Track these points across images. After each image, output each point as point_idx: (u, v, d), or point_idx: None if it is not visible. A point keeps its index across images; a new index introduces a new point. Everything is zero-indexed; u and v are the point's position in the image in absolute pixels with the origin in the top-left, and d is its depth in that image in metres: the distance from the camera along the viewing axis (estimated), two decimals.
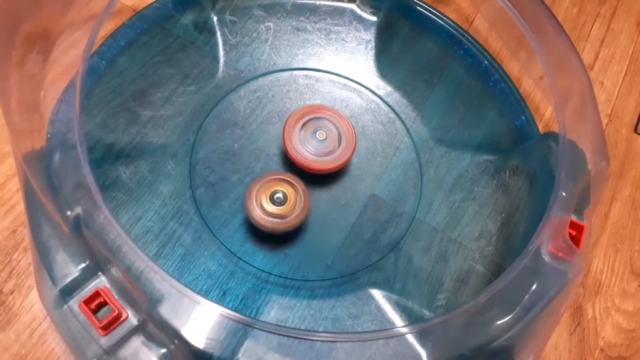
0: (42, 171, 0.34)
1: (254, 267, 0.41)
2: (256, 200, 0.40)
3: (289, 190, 0.41)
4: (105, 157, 0.43)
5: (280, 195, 0.41)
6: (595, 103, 0.43)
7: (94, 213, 0.33)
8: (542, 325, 0.36)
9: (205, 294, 0.39)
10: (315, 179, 0.45)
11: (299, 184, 0.42)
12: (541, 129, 0.52)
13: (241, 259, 0.42)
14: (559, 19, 0.60)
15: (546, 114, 0.54)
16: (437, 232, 0.45)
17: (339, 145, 0.44)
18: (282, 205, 0.41)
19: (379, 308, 0.41)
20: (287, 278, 0.41)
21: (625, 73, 0.59)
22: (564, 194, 0.38)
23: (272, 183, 0.41)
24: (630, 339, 0.46)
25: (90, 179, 0.33)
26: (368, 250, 0.43)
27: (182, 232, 0.42)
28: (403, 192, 0.46)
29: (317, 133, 0.44)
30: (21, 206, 0.43)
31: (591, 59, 0.59)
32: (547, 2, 0.62)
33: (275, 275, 0.41)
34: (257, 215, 0.40)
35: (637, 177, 0.53)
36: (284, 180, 0.41)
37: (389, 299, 0.41)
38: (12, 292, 0.40)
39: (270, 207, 0.40)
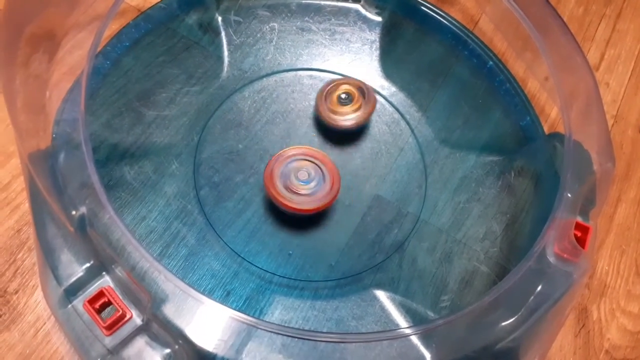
0: (47, 171, 0.34)
1: (258, 267, 0.41)
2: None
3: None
4: (109, 157, 0.43)
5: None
6: (600, 104, 0.43)
7: (98, 213, 0.33)
8: (547, 327, 0.35)
9: (209, 294, 0.39)
10: None
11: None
12: (547, 129, 0.51)
13: (245, 260, 0.42)
14: (565, 20, 0.60)
15: (552, 114, 0.54)
16: (441, 233, 0.45)
17: (322, 185, 0.41)
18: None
19: (383, 309, 0.41)
20: (290, 279, 0.41)
21: (631, 74, 0.59)
22: (569, 195, 0.38)
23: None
24: (635, 340, 0.46)
25: (95, 179, 0.33)
26: (372, 251, 0.43)
27: (186, 232, 0.42)
28: (407, 193, 0.46)
29: (299, 173, 0.41)
30: (26, 206, 0.43)
31: (597, 60, 0.59)
32: (553, 3, 0.62)
33: (279, 276, 0.41)
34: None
35: None
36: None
37: (393, 300, 0.41)
38: (16, 292, 0.40)
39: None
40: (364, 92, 0.45)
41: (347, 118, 0.45)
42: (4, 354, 0.38)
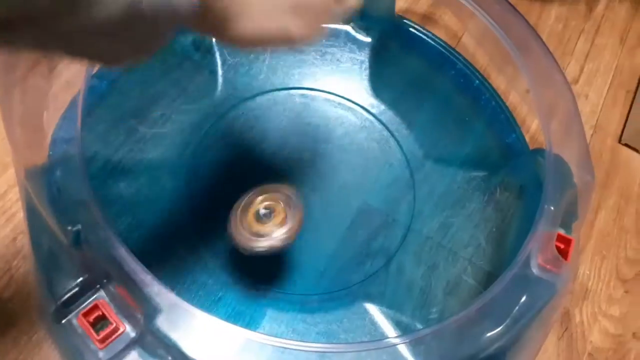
0: (44, 187, 0.33)
1: (248, 279, 0.40)
2: (241, 220, 0.34)
3: (277, 205, 0.35)
4: (104, 173, 0.42)
5: (266, 210, 0.34)
6: (579, 120, 0.42)
7: (93, 228, 0.32)
8: (532, 336, 0.35)
9: (198, 305, 0.38)
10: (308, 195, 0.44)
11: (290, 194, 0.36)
12: (528, 140, 0.51)
13: (234, 271, 0.40)
14: (545, 35, 0.59)
15: (532, 126, 0.53)
16: (429, 246, 0.44)
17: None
18: (268, 221, 0.34)
19: (372, 322, 0.40)
20: (279, 291, 0.40)
21: (609, 86, 0.58)
22: (551, 207, 0.37)
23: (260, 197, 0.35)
24: (617, 343, 0.45)
25: (90, 196, 0.32)
26: (361, 264, 0.42)
27: (176, 243, 0.41)
28: (396, 208, 0.45)
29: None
30: (21, 215, 0.42)
31: (576, 73, 0.58)
32: (534, 18, 0.61)
33: (269, 288, 0.40)
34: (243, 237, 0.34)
35: (621, 186, 0.52)
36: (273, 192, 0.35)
37: (382, 312, 0.40)
38: (11, 299, 0.39)
39: (256, 226, 0.34)
40: (290, 203, 0.35)
41: (267, 239, 0.34)
42: None
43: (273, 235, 0.34)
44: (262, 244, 0.33)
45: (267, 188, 0.36)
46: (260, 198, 0.35)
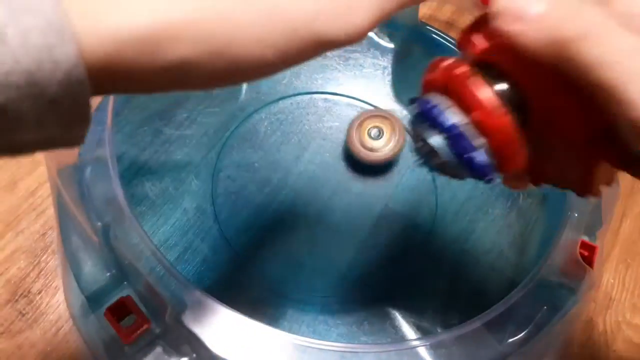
0: (75, 185, 0.34)
1: (268, 278, 0.41)
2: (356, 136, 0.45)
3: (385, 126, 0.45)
4: (130, 173, 0.43)
5: (376, 130, 0.45)
6: None
7: (122, 225, 0.33)
8: (553, 343, 0.35)
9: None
10: (330, 198, 0.45)
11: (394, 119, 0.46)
12: None
13: (256, 269, 0.41)
14: None
15: None
16: (451, 251, 0.44)
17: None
18: (377, 139, 0.45)
19: (393, 325, 0.40)
20: (300, 292, 0.41)
21: None
22: (575, 214, 0.37)
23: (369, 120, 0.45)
24: None
25: (120, 194, 0.33)
26: (382, 267, 0.43)
27: (200, 242, 0.41)
28: (418, 211, 0.46)
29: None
30: (51, 211, 0.43)
31: None
32: None
33: (290, 289, 0.41)
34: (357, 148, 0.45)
35: None
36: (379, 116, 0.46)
37: (403, 316, 0.41)
38: (40, 292, 0.40)
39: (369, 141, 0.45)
40: (394, 126, 0.45)
41: (378, 153, 0.45)
42: (27, 350, 0.38)
43: (383, 149, 0.45)
44: (375, 157, 0.45)
45: (376, 112, 0.46)
46: (370, 121, 0.45)
